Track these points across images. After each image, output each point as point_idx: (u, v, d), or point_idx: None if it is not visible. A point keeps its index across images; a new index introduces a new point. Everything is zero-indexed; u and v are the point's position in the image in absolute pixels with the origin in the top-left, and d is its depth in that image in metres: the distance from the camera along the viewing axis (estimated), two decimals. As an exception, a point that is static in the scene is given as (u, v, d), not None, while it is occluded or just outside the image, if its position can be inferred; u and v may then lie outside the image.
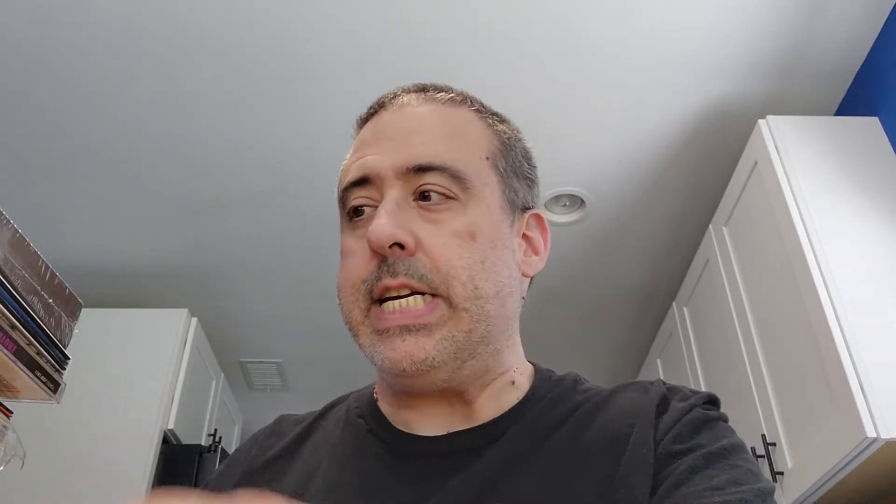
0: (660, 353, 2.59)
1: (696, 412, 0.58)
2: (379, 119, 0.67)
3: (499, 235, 0.61)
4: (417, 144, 0.60)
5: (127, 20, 1.72)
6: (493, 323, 0.59)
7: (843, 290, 1.47)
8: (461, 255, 0.57)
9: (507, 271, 0.61)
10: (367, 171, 0.60)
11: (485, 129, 0.67)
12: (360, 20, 1.73)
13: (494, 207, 0.62)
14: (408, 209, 0.58)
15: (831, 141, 1.72)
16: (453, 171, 0.59)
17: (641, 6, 1.69)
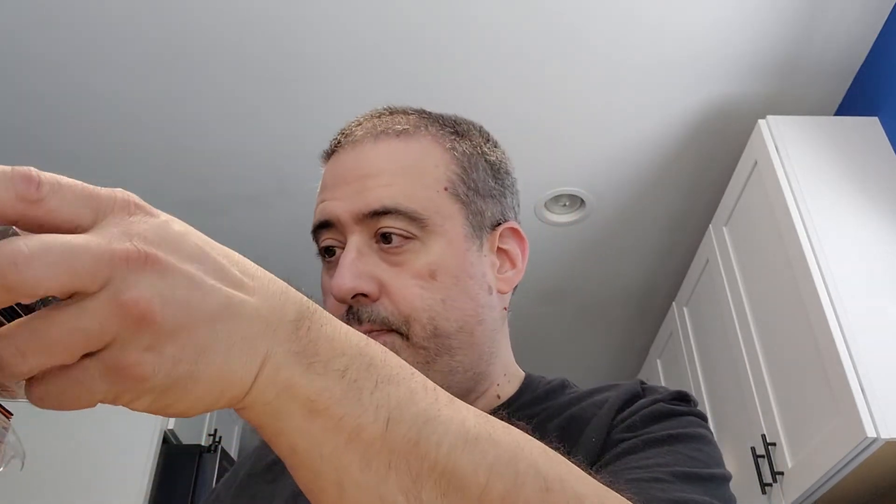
0: (660, 354, 2.59)
1: (658, 406, 0.58)
2: (337, 160, 0.68)
3: (463, 268, 0.62)
4: (372, 188, 0.61)
5: (126, 20, 1.71)
6: (458, 354, 0.61)
7: (842, 290, 1.47)
8: (422, 297, 0.59)
9: (473, 302, 0.62)
10: (329, 217, 0.63)
11: (442, 155, 0.66)
12: (361, 20, 1.73)
13: (457, 239, 0.63)
14: (370, 253, 0.60)
15: (831, 141, 1.72)
16: (409, 213, 0.61)
17: (641, 6, 1.69)
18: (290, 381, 0.32)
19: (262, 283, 0.33)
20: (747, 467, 1.75)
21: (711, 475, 0.51)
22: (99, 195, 0.29)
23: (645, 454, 0.52)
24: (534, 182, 2.18)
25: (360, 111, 0.72)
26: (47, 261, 0.26)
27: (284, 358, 0.32)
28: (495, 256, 0.66)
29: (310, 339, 0.33)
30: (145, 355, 0.28)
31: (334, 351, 0.34)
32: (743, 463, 1.81)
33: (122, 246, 0.28)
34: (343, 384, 0.33)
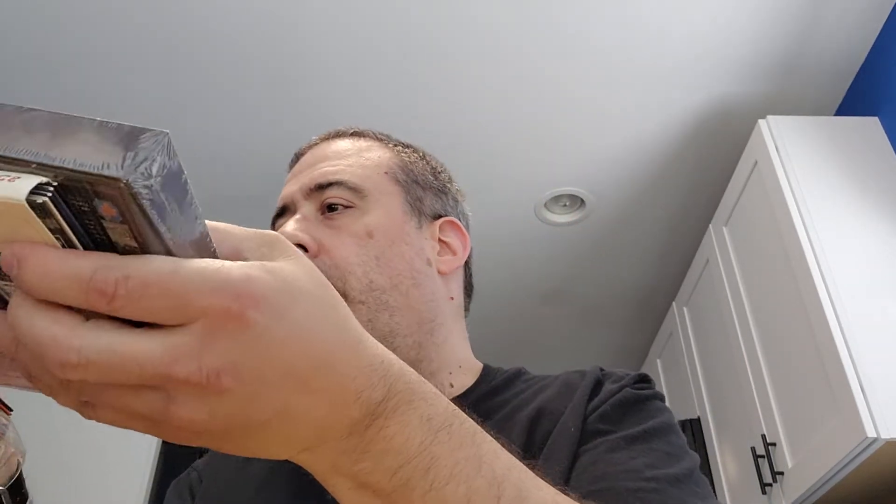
0: (660, 354, 2.59)
1: (625, 392, 0.60)
2: (298, 163, 0.76)
3: (399, 234, 0.68)
4: (319, 169, 0.70)
5: (126, 20, 1.72)
6: (396, 313, 0.64)
7: (842, 290, 1.47)
8: (357, 253, 0.65)
9: (408, 265, 0.67)
10: (285, 201, 0.71)
11: (385, 151, 0.74)
12: (361, 21, 1.73)
13: (395, 212, 0.69)
14: (314, 221, 0.67)
15: (831, 141, 1.72)
16: (349, 184, 0.68)
17: (641, 7, 1.69)
18: (334, 464, 0.33)
19: (336, 385, 0.32)
20: (747, 467, 1.75)
21: (689, 470, 0.54)
22: (189, 302, 0.28)
23: (629, 453, 0.54)
24: (534, 182, 2.18)
25: (359, 111, 0.75)
26: (100, 366, 0.27)
27: (330, 454, 0.33)
28: (436, 243, 0.72)
29: (363, 440, 0.33)
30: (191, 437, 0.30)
31: (389, 451, 0.33)
32: (743, 463, 1.81)
33: (185, 369, 0.27)
34: (393, 482, 0.33)
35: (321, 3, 1.69)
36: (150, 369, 0.27)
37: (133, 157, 0.27)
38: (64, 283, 0.27)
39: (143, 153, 0.27)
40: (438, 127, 1.94)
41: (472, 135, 1.96)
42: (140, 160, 0.27)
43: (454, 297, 0.72)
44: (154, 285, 0.27)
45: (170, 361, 0.27)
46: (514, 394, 0.66)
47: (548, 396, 0.63)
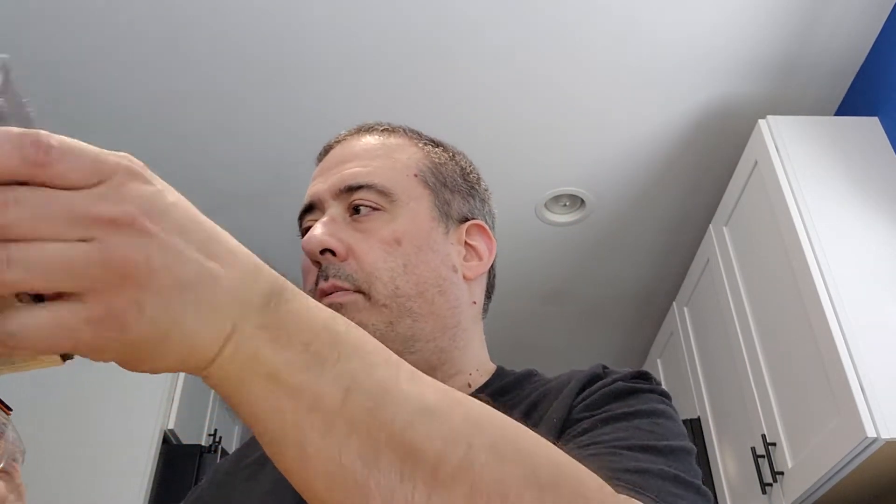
0: (660, 354, 2.59)
1: (618, 385, 0.58)
2: (325, 157, 0.76)
3: (426, 241, 0.68)
4: (349, 169, 0.69)
5: (126, 20, 1.72)
6: (420, 320, 0.64)
7: (843, 290, 1.47)
8: (385, 259, 0.64)
9: (434, 273, 0.67)
10: (311, 198, 0.70)
11: (415, 151, 0.73)
12: (361, 21, 1.73)
13: (423, 217, 0.69)
14: (342, 223, 0.66)
15: (831, 141, 1.72)
16: (379, 187, 0.67)
17: (642, 8, 1.69)
18: (255, 352, 0.34)
19: (238, 259, 0.35)
20: (747, 467, 1.75)
21: (669, 447, 0.51)
22: (106, 161, 0.32)
23: (602, 430, 0.52)
24: (534, 182, 2.18)
25: (359, 111, 0.75)
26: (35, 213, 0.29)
27: (251, 331, 0.34)
28: (462, 248, 0.71)
29: (277, 315, 0.35)
30: (129, 306, 0.30)
31: (300, 326, 0.35)
32: (743, 463, 1.81)
33: (110, 208, 0.30)
34: (306, 356, 0.34)
35: (321, 4, 1.69)
36: (80, 209, 0.30)
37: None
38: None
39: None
40: (438, 127, 1.93)
41: (472, 135, 1.96)
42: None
43: (476, 302, 0.72)
44: (75, 146, 0.31)
45: (95, 201, 0.30)
46: (521, 393, 0.66)
47: (544, 391, 0.63)
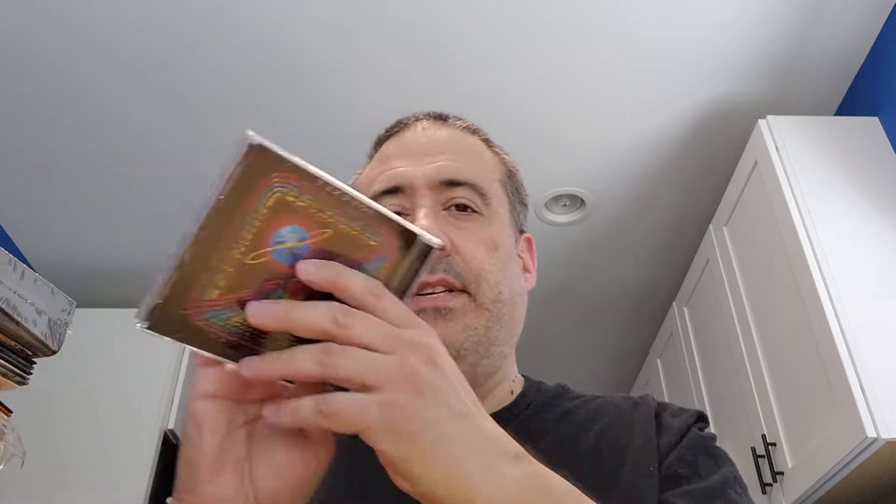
0: (660, 354, 2.59)
1: (693, 435, 0.62)
2: (404, 137, 0.72)
3: (511, 250, 0.68)
4: (447, 161, 0.66)
5: (127, 20, 1.72)
6: (505, 326, 0.65)
7: (843, 290, 1.47)
8: (490, 261, 0.63)
9: (517, 283, 0.67)
10: (400, 182, 0.65)
11: (493, 156, 0.73)
12: (361, 22, 1.73)
13: (506, 225, 0.68)
14: (441, 218, 0.64)
15: (831, 141, 1.72)
16: (479, 188, 0.66)
17: (641, 7, 1.69)
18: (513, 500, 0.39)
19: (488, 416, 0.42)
20: (747, 467, 1.75)
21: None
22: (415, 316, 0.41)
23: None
24: (534, 182, 2.18)
25: (358, 111, 0.74)
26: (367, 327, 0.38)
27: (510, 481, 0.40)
28: (520, 260, 0.72)
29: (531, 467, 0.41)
30: (408, 402, 0.37)
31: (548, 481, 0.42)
32: (743, 463, 1.81)
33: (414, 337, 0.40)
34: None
35: (321, 4, 1.69)
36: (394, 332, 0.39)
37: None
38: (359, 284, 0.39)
39: None
40: (438, 127, 1.94)
41: (472, 135, 1.96)
42: None
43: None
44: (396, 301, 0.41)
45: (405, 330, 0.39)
46: (566, 413, 0.67)
47: (606, 424, 0.64)
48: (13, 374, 1.11)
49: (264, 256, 0.37)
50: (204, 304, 0.37)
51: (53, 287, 1.20)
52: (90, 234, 2.41)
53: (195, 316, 0.37)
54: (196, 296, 0.36)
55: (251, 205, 0.35)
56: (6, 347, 1.10)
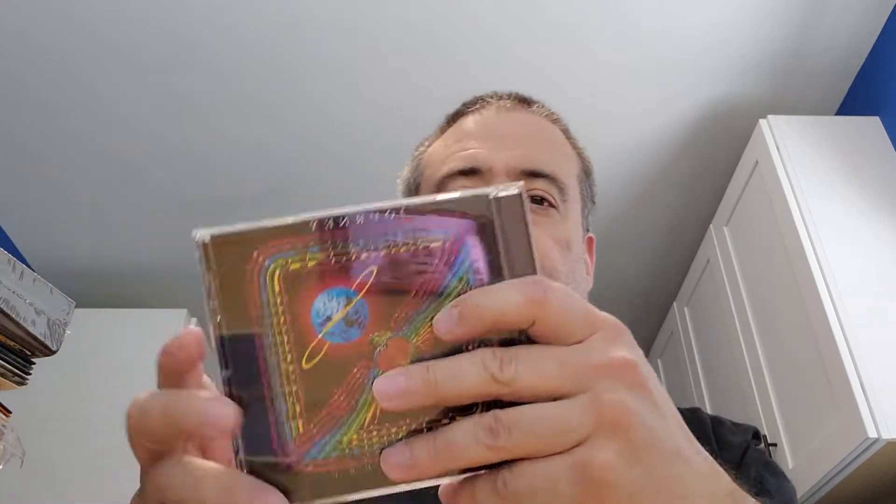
0: (660, 354, 2.59)
1: (753, 452, 0.60)
2: (484, 116, 0.67)
3: (581, 251, 0.63)
4: (529, 149, 0.62)
5: (127, 20, 1.71)
6: None
7: (843, 290, 1.47)
8: (562, 261, 0.59)
9: (584, 286, 0.63)
10: (479, 164, 0.61)
11: (572, 150, 0.68)
12: (361, 22, 1.72)
13: (578, 224, 0.64)
14: None
15: (832, 140, 1.71)
16: (559, 182, 0.61)
17: (641, 7, 1.69)
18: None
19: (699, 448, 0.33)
20: (748, 468, 1.75)
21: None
22: (595, 311, 0.31)
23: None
24: (534, 182, 2.18)
25: (358, 111, 0.73)
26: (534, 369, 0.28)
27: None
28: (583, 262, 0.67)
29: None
30: (615, 459, 0.28)
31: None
32: (743, 463, 1.81)
33: (605, 355, 0.29)
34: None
35: (321, 4, 1.68)
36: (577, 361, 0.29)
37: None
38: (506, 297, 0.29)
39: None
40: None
41: (472, 135, 1.96)
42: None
43: None
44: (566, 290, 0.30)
45: (591, 350, 0.29)
46: None
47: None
48: (12, 375, 1.11)
49: (321, 349, 0.29)
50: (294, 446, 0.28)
51: (52, 287, 1.20)
52: (90, 234, 2.41)
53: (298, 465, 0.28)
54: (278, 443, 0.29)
55: (255, 303, 0.29)
56: (5, 347, 1.10)
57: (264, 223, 0.29)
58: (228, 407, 0.28)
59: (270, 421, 0.29)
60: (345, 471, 0.28)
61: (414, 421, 0.28)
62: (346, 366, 0.29)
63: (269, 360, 0.29)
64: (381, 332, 0.29)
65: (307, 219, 0.29)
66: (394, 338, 0.29)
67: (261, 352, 0.29)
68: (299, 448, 0.28)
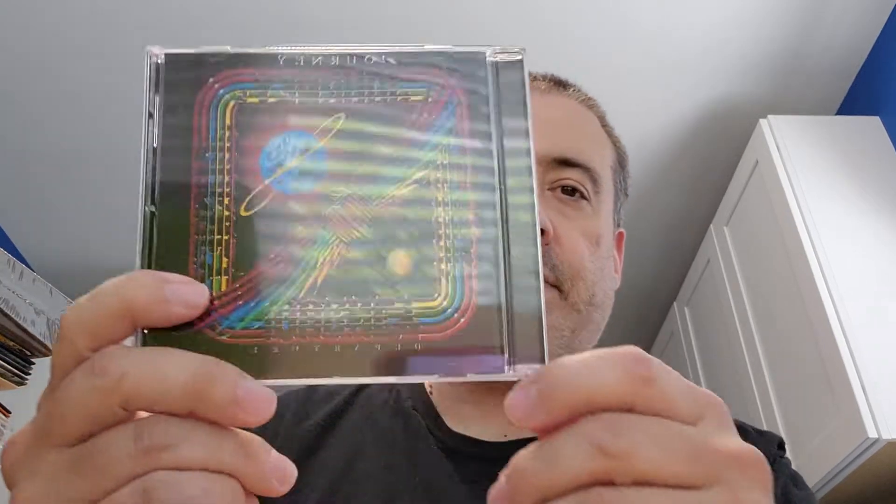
0: (661, 354, 2.59)
1: (781, 466, 0.58)
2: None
3: (610, 247, 0.60)
4: (563, 136, 0.58)
5: (126, 20, 1.71)
6: (593, 331, 0.58)
7: (844, 290, 1.47)
8: (590, 258, 0.56)
9: (611, 284, 0.60)
10: None
11: (607, 139, 0.64)
12: (360, 22, 1.72)
13: (610, 217, 0.61)
14: (544, 197, 0.56)
15: (833, 140, 1.71)
16: (593, 173, 0.57)
17: (641, 7, 1.69)
18: None
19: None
20: (748, 468, 1.75)
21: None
22: (700, 392, 0.26)
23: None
24: (534, 182, 2.18)
25: None
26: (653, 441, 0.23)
27: None
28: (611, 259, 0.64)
29: None
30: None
31: None
32: (744, 463, 1.80)
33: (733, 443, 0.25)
34: None
35: (321, 4, 1.68)
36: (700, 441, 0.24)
37: None
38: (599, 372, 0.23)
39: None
40: (438, 127, 1.93)
41: (472, 135, 1.96)
42: None
43: None
44: (668, 368, 0.25)
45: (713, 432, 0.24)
46: None
47: None
48: (11, 375, 1.11)
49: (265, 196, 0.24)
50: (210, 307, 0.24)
51: (52, 287, 1.20)
52: (89, 234, 2.40)
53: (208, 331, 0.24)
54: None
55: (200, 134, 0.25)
56: (4, 348, 1.10)
57: (226, 48, 0.25)
58: (198, 286, 0.24)
59: (190, 272, 0.24)
60: (265, 347, 0.23)
61: (360, 299, 0.24)
62: (292, 220, 0.24)
63: (202, 199, 0.24)
64: (339, 188, 0.25)
65: (275, 52, 0.25)
66: (352, 197, 0.25)
67: (195, 189, 0.24)
68: (217, 311, 0.24)
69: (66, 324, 0.25)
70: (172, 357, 0.23)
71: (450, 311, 0.24)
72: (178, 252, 0.25)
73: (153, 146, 0.24)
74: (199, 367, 0.22)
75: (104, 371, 0.23)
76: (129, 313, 0.24)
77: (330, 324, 0.23)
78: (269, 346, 0.23)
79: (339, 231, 0.24)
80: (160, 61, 0.25)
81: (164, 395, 0.22)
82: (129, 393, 0.22)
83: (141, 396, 0.22)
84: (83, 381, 0.23)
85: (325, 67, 0.25)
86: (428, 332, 0.24)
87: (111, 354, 0.23)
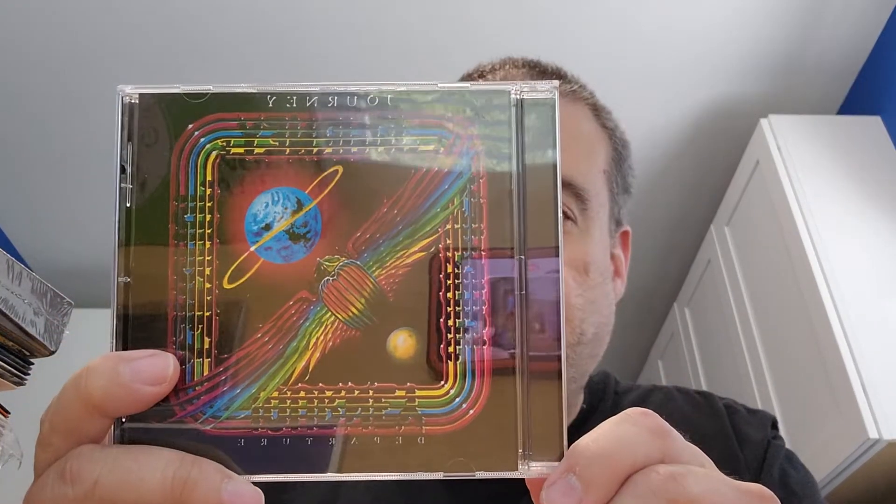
0: (661, 355, 2.58)
1: (775, 448, 0.56)
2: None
3: (607, 266, 0.55)
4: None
5: (126, 20, 1.71)
6: (583, 366, 0.54)
7: (845, 290, 1.46)
8: (577, 293, 0.50)
9: (609, 308, 0.55)
10: None
11: (601, 133, 0.57)
12: (360, 22, 1.72)
13: (604, 232, 0.54)
14: None
15: (834, 140, 1.71)
16: (578, 189, 0.50)
17: (641, 7, 1.69)
18: None
19: None
20: (749, 468, 1.75)
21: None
22: (742, 484, 0.25)
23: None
24: (534, 182, 2.18)
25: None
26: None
27: None
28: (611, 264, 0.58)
29: None
30: None
31: None
32: (744, 464, 1.80)
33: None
34: None
35: (321, 4, 1.68)
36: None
37: None
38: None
39: None
40: (438, 127, 1.93)
41: (472, 134, 1.96)
42: None
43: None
44: (702, 455, 0.25)
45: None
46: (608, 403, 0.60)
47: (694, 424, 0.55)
48: (10, 375, 1.10)
49: (250, 267, 0.21)
50: (192, 393, 0.22)
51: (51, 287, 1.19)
52: (89, 234, 2.40)
53: (191, 421, 0.21)
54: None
55: (177, 192, 0.22)
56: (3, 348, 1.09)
57: (209, 88, 0.22)
58: (161, 356, 0.22)
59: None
60: (253, 439, 0.21)
61: (357, 385, 0.21)
62: (281, 294, 0.21)
63: (181, 271, 0.22)
64: (334, 256, 0.22)
65: (264, 90, 0.21)
66: (349, 266, 0.22)
67: (172, 258, 0.22)
68: (200, 398, 0.22)
69: (42, 427, 0.24)
70: (150, 458, 0.22)
71: (458, 400, 0.22)
72: (155, 331, 0.22)
73: (126, 205, 0.22)
74: (177, 470, 0.21)
75: (76, 478, 0.22)
76: (92, 407, 0.23)
77: (324, 413, 0.21)
78: (257, 438, 0.21)
79: (333, 307, 0.21)
80: (134, 101, 0.22)
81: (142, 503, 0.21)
82: (104, 502, 0.21)
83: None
84: (56, 489, 0.22)
85: (320, 109, 0.21)
86: (433, 424, 0.21)
87: (82, 456, 0.22)
